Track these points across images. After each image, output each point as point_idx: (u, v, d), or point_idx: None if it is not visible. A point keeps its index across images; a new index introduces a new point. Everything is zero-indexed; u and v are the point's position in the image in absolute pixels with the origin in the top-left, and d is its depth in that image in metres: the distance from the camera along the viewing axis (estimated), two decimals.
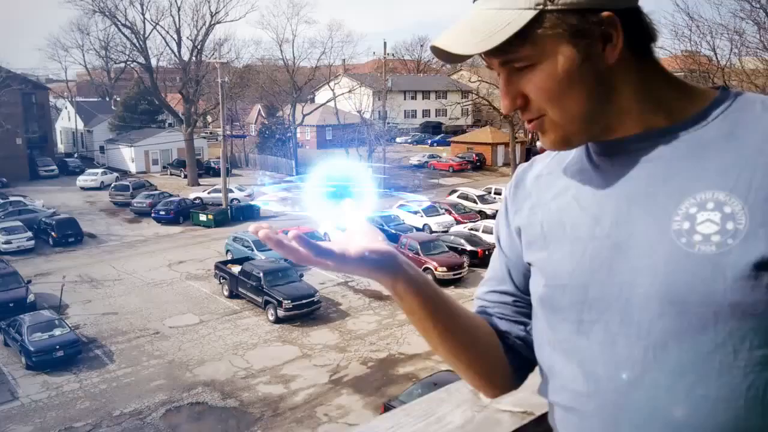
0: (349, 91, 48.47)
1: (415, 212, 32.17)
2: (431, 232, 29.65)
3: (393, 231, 28.29)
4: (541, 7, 0.77)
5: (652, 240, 0.78)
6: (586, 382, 0.86)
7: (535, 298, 0.96)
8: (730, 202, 0.74)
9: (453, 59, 0.83)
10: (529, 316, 1.00)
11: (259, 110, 60.26)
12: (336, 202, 0.95)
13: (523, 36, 0.78)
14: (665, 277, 0.76)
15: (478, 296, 1.07)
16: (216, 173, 42.34)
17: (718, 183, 0.76)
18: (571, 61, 0.78)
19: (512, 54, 0.80)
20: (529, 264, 0.97)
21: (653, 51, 0.84)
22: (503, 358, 1.01)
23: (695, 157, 0.79)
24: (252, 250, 25.74)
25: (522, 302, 1.01)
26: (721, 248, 0.74)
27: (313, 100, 58.19)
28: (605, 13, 0.77)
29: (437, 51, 0.83)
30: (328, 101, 50.76)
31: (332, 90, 49.55)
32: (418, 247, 24.60)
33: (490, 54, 0.81)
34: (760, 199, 0.73)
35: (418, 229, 30.18)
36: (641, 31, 0.82)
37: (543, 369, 0.96)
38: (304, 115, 48.32)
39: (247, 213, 34.34)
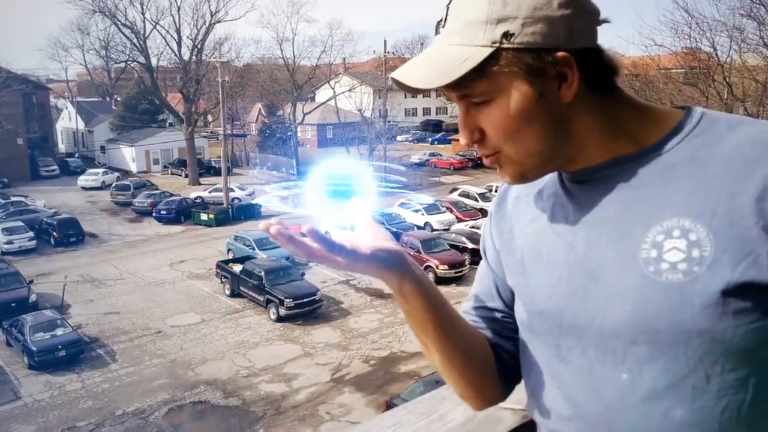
0: (350, 90, 48.43)
1: (416, 210, 32.17)
2: (432, 230, 29.64)
3: (394, 229, 28.29)
4: (497, 45, 0.78)
5: (622, 268, 0.79)
6: (567, 405, 0.88)
7: (518, 321, 0.97)
8: (695, 229, 0.75)
9: (413, 91, 0.84)
10: (517, 332, 1.00)
11: (260, 109, 60.24)
12: (338, 201, 0.95)
13: (480, 72, 0.79)
14: (635, 305, 0.78)
15: (465, 311, 1.08)
16: (217, 172, 42.36)
17: (683, 209, 0.76)
18: (527, 98, 0.79)
19: (469, 89, 0.81)
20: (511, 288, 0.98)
21: (615, 83, 0.84)
22: (494, 369, 1.02)
23: (661, 182, 0.79)
24: (253, 249, 25.75)
25: (510, 318, 1.02)
26: (687, 276, 0.74)
27: (313, 99, 58.14)
28: (560, 54, 0.78)
29: (398, 83, 0.84)
30: (328, 100, 50.70)
31: (333, 89, 49.51)
32: (420, 245, 24.58)
33: (448, 88, 0.82)
34: (724, 226, 0.73)
35: (419, 228, 30.18)
36: (600, 69, 0.82)
37: (528, 389, 0.97)
38: (305, 114, 48.29)
39: (248, 212, 34.37)
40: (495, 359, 1.02)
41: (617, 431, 0.82)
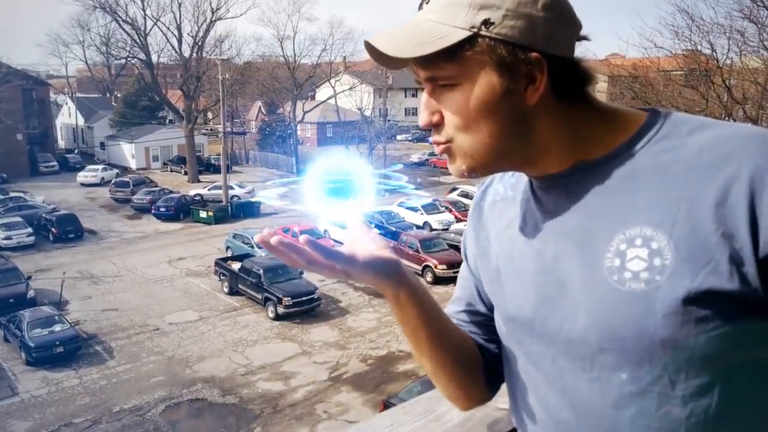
0: (350, 89, 48.38)
1: (415, 209, 32.17)
2: (431, 229, 29.64)
3: (393, 228, 28.29)
4: (475, 30, 0.77)
5: (588, 277, 0.80)
6: (541, 411, 0.89)
7: (496, 327, 0.98)
8: (656, 238, 0.75)
9: (383, 60, 0.83)
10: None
11: (260, 107, 60.19)
12: (336, 198, 0.95)
13: (452, 54, 0.78)
14: (601, 314, 0.78)
15: (449, 314, 1.07)
16: (216, 170, 42.36)
17: (645, 218, 0.76)
18: (492, 90, 0.78)
19: (438, 70, 0.80)
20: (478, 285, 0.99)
21: (585, 91, 0.83)
22: (481, 371, 1.03)
23: (625, 189, 0.79)
24: (252, 247, 25.72)
25: (493, 321, 1.02)
26: (649, 285, 0.75)
27: (313, 97, 58.09)
28: (534, 54, 0.77)
29: (369, 47, 0.83)
30: (328, 98, 50.66)
31: (333, 87, 49.48)
32: (418, 244, 24.58)
33: (418, 64, 0.82)
34: (684, 233, 0.73)
35: (418, 227, 30.18)
36: (571, 79, 0.81)
37: (509, 393, 0.99)
38: (305, 112, 48.28)
39: (247, 210, 34.38)
40: (482, 361, 1.03)
41: None
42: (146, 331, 19.99)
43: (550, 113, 0.81)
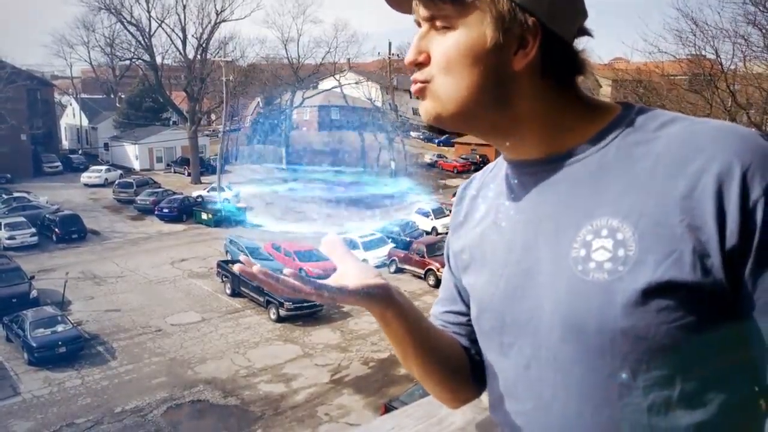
0: (356, 83, 48.04)
1: (427, 214, 32.21)
2: (437, 233, 29.68)
3: (408, 239, 28.02)
4: None
5: (555, 267, 0.80)
6: (510, 402, 0.90)
7: (472, 320, 0.99)
8: (622, 229, 0.75)
9: None
10: None
11: (258, 102, 59.88)
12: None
13: None
14: (565, 304, 0.79)
15: (434, 315, 1.09)
16: (215, 171, 42.02)
17: (612, 209, 0.76)
18: (482, 41, 0.78)
19: (438, 9, 0.80)
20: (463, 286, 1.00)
21: (572, 80, 0.84)
22: (468, 371, 1.04)
23: (595, 181, 0.80)
24: (246, 256, 25.44)
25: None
26: (612, 275, 0.75)
27: (316, 88, 57.17)
28: (532, 19, 0.77)
29: None
30: (332, 88, 50.04)
31: (338, 80, 48.97)
32: (425, 250, 24.77)
33: (421, 0, 0.82)
34: (650, 225, 0.73)
35: (427, 233, 30.20)
36: (562, 62, 0.81)
37: (487, 386, 0.99)
38: (305, 98, 47.51)
39: (236, 217, 32.29)
40: (468, 361, 1.04)
41: (551, 428, 0.83)
42: (148, 332, 20.01)
43: (532, 89, 0.81)
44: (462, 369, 1.03)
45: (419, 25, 0.85)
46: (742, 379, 0.76)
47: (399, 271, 25.76)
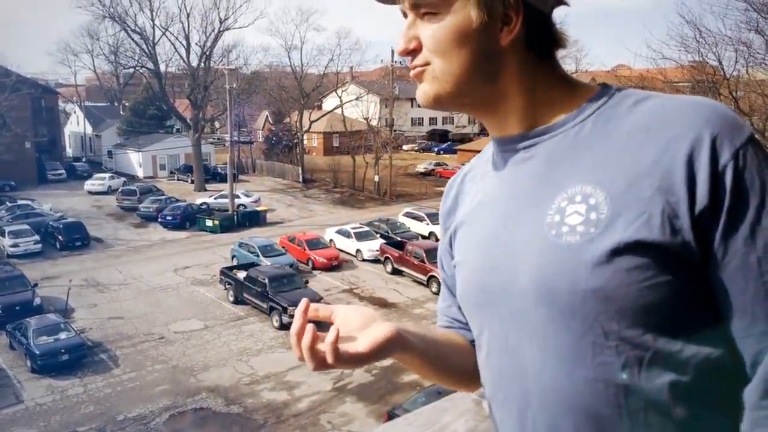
0: (357, 99, 48.50)
1: (421, 219, 32.19)
2: (437, 239, 29.61)
3: (398, 238, 28.29)
4: None
5: (530, 236, 0.84)
6: (494, 373, 0.93)
7: (458, 300, 1.03)
8: (594, 194, 0.79)
9: None
10: None
11: (267, 116, 60.38)
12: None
13: None
14: (537, 269, 0.82)
15: (440, 310, 1.14)
16: (223, 179, 42.46)
17: (587, 177, 0.80)
18: (468, 22, 0.83)
19: None
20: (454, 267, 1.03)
21: (555, 55, 0.89)
22: (477, 365, 1.06)
23: (571, 153, 0.84)
24: (258, 256, 25.76)
25: None
26: (584, 237, 0.78)
27: (320, 107, 58.25)
28: None
29: None
30: (335, 108, 50.80)
31: (339, 97, 49.63)
32: (424, 254, 24.60)
33: None
34: (621, 188, 0.77)
35: (424, 237, 30.17)
36: (545, 34, 0.86)
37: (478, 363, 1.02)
38: (312, 122, 48.43)
39: (253, 219, 34.42)
40: (475, 354, 1.06)
41: (529, 394, 0.85)
42: (151, 340, 20.01)
43: (518, 63, 0.86)
44: (472, 365, 1.05)
45: (405, 15, 0.89)
46: (713, 339, 0.77)
47: (396, 272, 25.74)
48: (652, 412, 0.78)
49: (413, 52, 0.88)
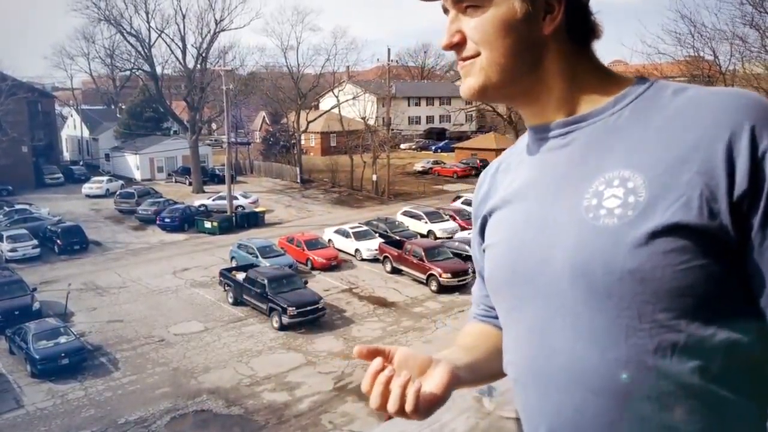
0: (354, 98, 48.54)
1: (420, 218, 32.19)
2: (435, 238, 29.63)
3: (397, 237, 28.29)
4: None
5: (567, 218, 0.85)
6: (521, 353, 0.93)
7: (486, 282, 1.05)
8: (633, 178, 0.80)
9: None
10: None
11: (264, 117, 60.38)
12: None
13: None
14: (573, 250, 0.83)
15: (476, 298, 1.18)
16: (221, 180, 42.46)
17: (624, 162, 0.82)
18: (512, 12, 0.86)
19: None
20: (484, 252, 1.04)
21: (591, 44, 0.91)
22: None
23: (609, 139, 0.85)
24: (257, 257, 25.76)
25: None
26: (622, 220, 0.79)
27: (317, 107, 58.26)
28: None
29: None
30: (332, 108, 50.81)
31: (336, 97, 49.64)
32: (423, 253, 24.57)
33: None
34: (659, 173, 0.78)
35: (422, 236, 30.17)
36: (584, 23, 0.89)
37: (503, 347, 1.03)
38: (309, 122, 48.42)
39: (251, 220, 34.42)
40: None
41: (557, 375, 0.86)
42: (151, 342, 20.00)
43: (559, 52, 0.89)
44: None
45: (445, 11, 0.91)
46: (746, 324, 0.78)
47: (395, 271, 25.74)
48: (682, 396, 0.78)
49: (457, 46, 0.90)
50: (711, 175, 0.75)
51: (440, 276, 23.58)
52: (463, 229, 30.71)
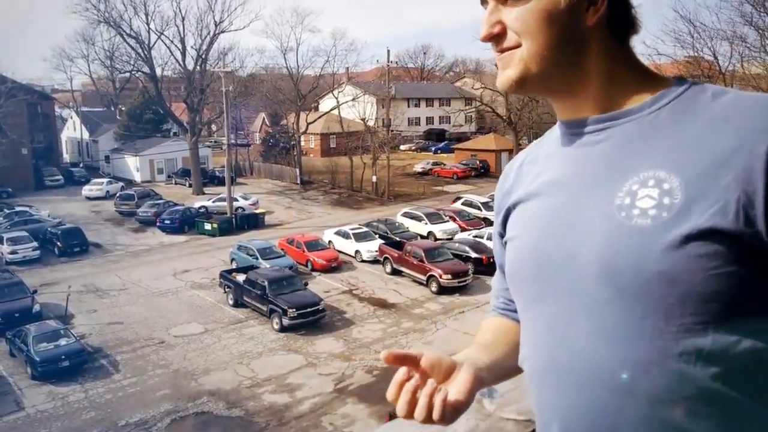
0: (353, 99, 48.56)
1: (420, 219, 32.17)
2: (435, 239, 29.62)
3: (397, 238, 28.29)
4: None
5: (597, 215, 0.84)
6: (540, 349, 0.92)
7: (506, 275, 1.04)
8: (669, 179, 0.79)
9: None
10: None
11: (264, 118, 60.39)
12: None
13: None
14: (603, 248, 0.82)
15: (496, 291, 1.18)
16: (221, 182, 42.46)
17: (660, 163, 0.80)
18: (556, 3, 0.84)
19: None
20: (505, 244, 1.04)
21: (630, 40, 0.90)
22: None
23: (644, 139, 0.84)
24: (257, 258, 25.76)
25: None
26: (655, 221, 0.78)
27: (317, 108, 58.32)
28: None
29: None
30: (332, 109, 50.83)
31: (336, 98, 49.68)
32: (423, 254, 24.57)
33: None
34: (697, 176, 0.77)
35: (422, 237, 30.15)
36: (626, 16, 0.88)
37: (520, 342, 1.02)
38: (309, 124, 48.43)
39: (251, 221, 34.42)
40: None
41: (582, 371, 0.85)
42: (151, 344, 19.99)
43: (600, 46, 0.87)
44: None
45: (483, 3, 0.90)
46: None
47: (395, 272, 25.74)
48: (703, 401, 0.77)
49: (497, 37, 0.89)
50: (749, 181, 0.74)
51: (440, 277, 23.56)
52: (463, 230, 30.73)
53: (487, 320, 1.19)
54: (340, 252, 28.03)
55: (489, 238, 27.46)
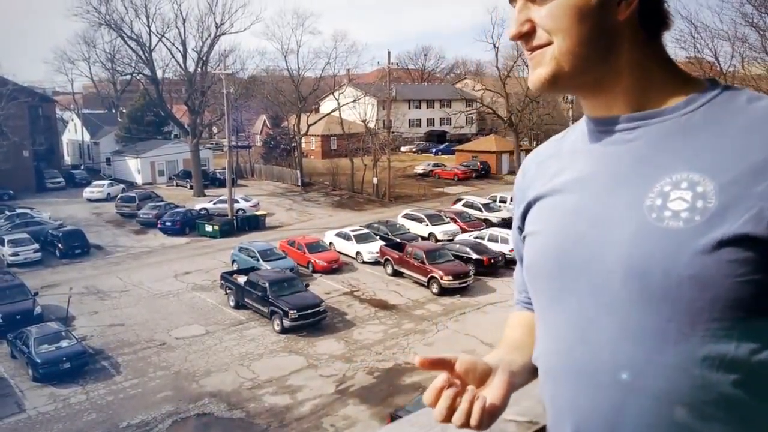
0: (354, 101, 48.57)
1: (421, 220, 32.17)
2: (436, 240, 29.61)
3: (398, 240, 28.28)
4: None
5: (625, 214, 0.82)
6: (558, 346, 0.91)
7: (524, 270, 1.03)
8: (703, 183, 0.78)
9: None
10: None
11: (264, 120, 60.44)
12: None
13: None
14: (630, 248, 0.80)
15: (518, 286, 1.17)
16: (222, 183, 42.50)
17: (694, 165, 0.79)
18: None
19: None
20: (524, 238, 1.02)
21: (662, 36, 0.88)
22: None
23: (677, 140, 0.83)
24: (258, 260, 25.76)
25: None
26: (688, 224, 0.77)
27: (317, 110, 58.37)
28: None
29: None
30: (332, 111, 50.87)
31: (337, 100, 49.72)
32: (424, 255, 24.57)
33: None
34: (732, 181, 0.76)
35: (423, 238, 30.15)
36: (658, 11, 0.87)
37: (536, 335, 1.01)
38: (309, 125, 48.47)
39: (252, 223, 34.43)
40: None
41: (601, 372, 0.84)
42: (153, 346, 19.99)
43: (632, 42, 0.85)
44: None
45: (512, 2, 0.89)
46: None
47: (396, 274, 25.73)
48: (722, 407, 0.77)
49: (526, 36, 0.87)
50: None
51: (441, 278, 23.56)
52: (463, 231, 30.71)
53: (513, 315, 1.18)
54: (340, 253, 28.03)
55: (490, 240, 27.51)
